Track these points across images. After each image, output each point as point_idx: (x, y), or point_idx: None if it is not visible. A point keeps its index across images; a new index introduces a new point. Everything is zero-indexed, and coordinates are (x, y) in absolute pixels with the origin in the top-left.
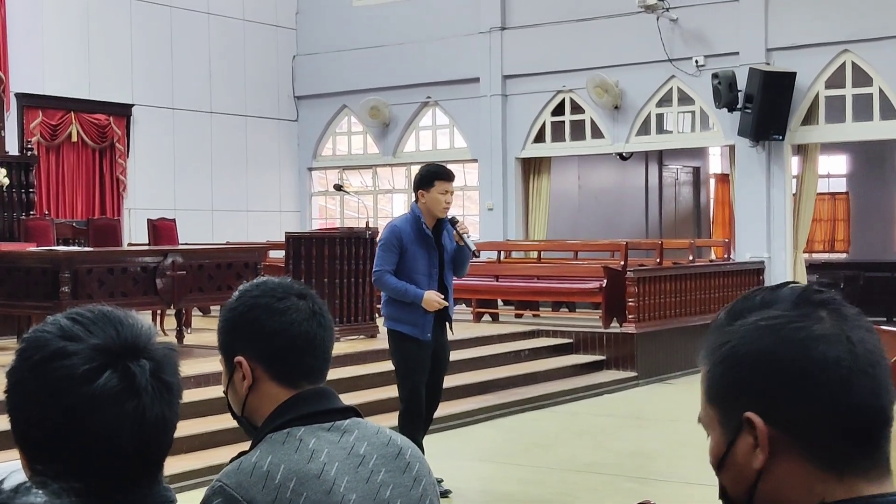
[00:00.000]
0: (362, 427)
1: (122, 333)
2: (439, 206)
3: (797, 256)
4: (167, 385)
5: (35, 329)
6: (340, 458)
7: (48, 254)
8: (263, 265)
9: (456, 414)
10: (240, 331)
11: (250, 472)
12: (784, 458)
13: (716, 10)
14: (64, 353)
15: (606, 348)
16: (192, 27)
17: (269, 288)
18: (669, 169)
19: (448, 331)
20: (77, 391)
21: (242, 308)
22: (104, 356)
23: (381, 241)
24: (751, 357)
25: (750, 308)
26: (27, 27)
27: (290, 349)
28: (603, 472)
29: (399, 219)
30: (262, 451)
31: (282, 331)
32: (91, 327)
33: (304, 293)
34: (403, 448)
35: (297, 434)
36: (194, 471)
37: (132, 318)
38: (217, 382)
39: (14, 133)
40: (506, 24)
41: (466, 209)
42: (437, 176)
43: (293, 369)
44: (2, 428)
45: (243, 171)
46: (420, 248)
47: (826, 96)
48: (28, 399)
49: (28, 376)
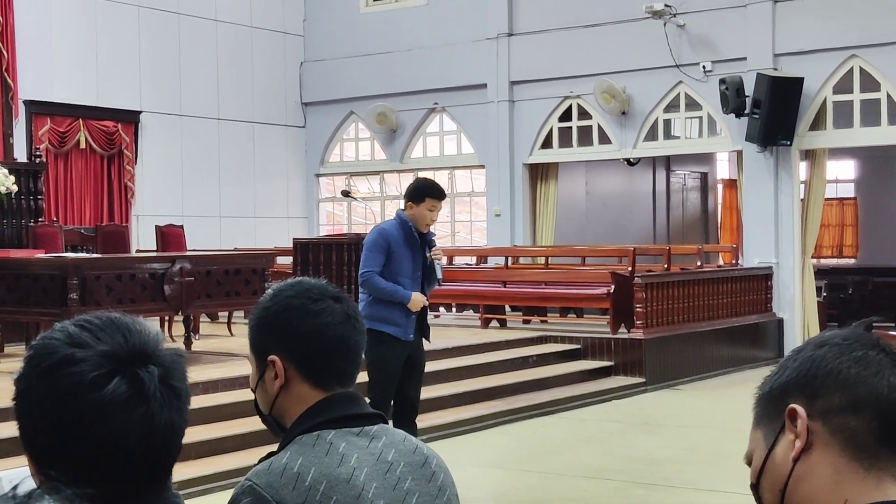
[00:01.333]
0: (390, 434)
1: (130, 340)
2: (424, 222)
3: (805, 262)
4: (176, 391)
5: (43, 336)
6: (369, 463)
7: (56, 260)
8: (271, 271)
9: (464, 420)
10: (274, 330)
11: (280, 472)
12: (818, 451)
13: (723, 15)
14: (72, 360)
15: (614, 354)
16: (199, 34)
17: (304, 289)
18: (677, 174)
19: (425, 339)
20: (86, 398)
21: (277, 308)
22: (112, 363)
23: (369, 242)
24: (802, 366)
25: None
26: (36, 34)
27: (324, 352)
28: (612, 479)
29: (386, 222)
30: (292, 452)
31: (316, 333)
32: (99, 334)
33: (340, 296)
34: (430, 457)
35: (327, 437)
36: (202, 477)
37: (140, 325)
38: (224, 388)
39: (22, 140)
40: (513, 30)
41: (474, 215)
42: (429, 193)
43: (326, 372)
44: (9, 434)
45: (251, 177)
46: (406, 252)
47: (834, 101)
48: (37, 406)
49: (36, 383)
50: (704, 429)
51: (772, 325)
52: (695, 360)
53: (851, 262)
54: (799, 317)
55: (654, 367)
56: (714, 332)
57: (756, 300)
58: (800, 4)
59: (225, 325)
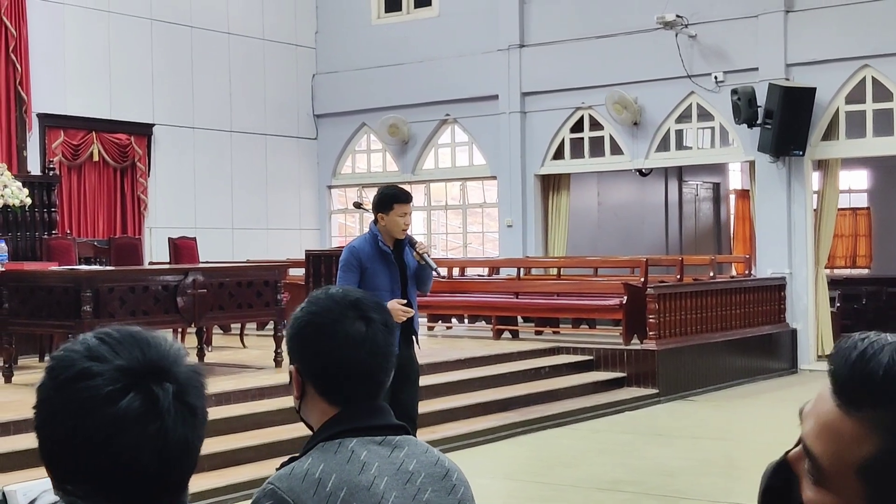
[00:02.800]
0: (412, 444)
1: (147, 355)
2: (398, 229)
3: (819, 272)
4: (191, 408)
5: (64, 347)
6: (390, 473)
7: (70, 273)
8: (284, 283)
9: (477, 431)
10: (295, 343)
11: (302, 477)
12: None
13: (735, 26)
14: (89, 374)
15: (627, 365)
16: (212, 47)
17: (329, 305)
18: (689, 185)
19: (415, 345)
20: (100, 412)
21: (302, 321)
22: (128, 377)
23: (341, 262)
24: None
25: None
26: (49, 48)
27: (334, 373)
28: (626, 490)
29: (357, 239)
30: (314, 458)
31: (327, 354)
32: (117, 348)
33: (367, 315)
34: (451, 470)
35: (349, 445)
36: (216, 489)
37: (160, 340)
38: (237, 400)
39: (36, 153)
40: (524, 41)
41: (486, 226)
42: (395, 199)
43: (338, 393)
44: (24, 446)
45: (263, 189)
46: (380, 266)
47: (846, 111)
48: (53, 418)
49: (54, 395)
50: (718, 440)
51: (785, 335)
52: (708, 371)
53: (865, 272)
54: (812, 327)
55: (667, 378)
56: (727, 342)
57: (769, 311)
58: (812, 14)
59: (237, 336)
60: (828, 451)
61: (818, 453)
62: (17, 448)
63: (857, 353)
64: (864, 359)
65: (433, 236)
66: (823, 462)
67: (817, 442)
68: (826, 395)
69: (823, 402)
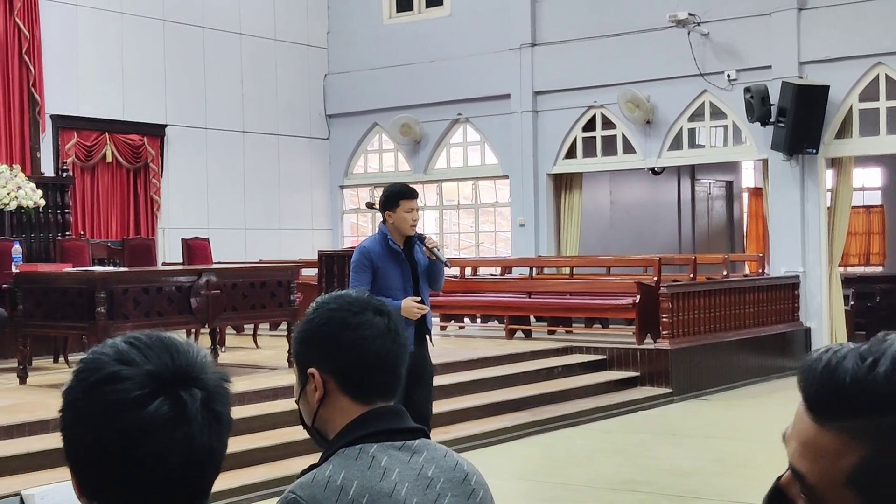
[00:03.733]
0: (431, 449)
1: (176, 361)
2: (406, 225)
3: (832, 270)
4: (217, 415)
5: (93, 350)
6: (410, 478)
7: (84, 274)
8: (296, 283)
9: (489, 431)
10: (314, 343)
11: (324, 485)
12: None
13: (747, 24)
14: (117, 378)
15: (640, 365)
16: (224, 48)
17: (346, 302)
18: (702, 183)
19: (429, 344)
20: (127, 416)
21: (319, 320)
22: (156, 382)
23: (353, 263)
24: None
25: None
26: (62, 50)
27: (363, 365)
28: (639, 490)
29: (367, 239)
30: (335, 465)
31: (355, 346)
32: (147, 352)
33: (382, 310)
34: (469, 473)
35: (369, 451)
36: (230, 489)
37: (189, 346)
38: (250, 401)
39: (49, 154)
40: (536, 40)
41: (498, 225)
42: (401, 196)
43: (365, 385)
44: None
45: (275, 189)
46: (391, 265)
47: (860, 109)
48: (80, 420)
49: (82, 398)
50: (732, 440)
51: (799, 334)
52: (721, 371)
53: (879, 270)
54: (826, 326)
55: (681, 377)
56: (741, 341)
57: (783, 309)
58: (824, 12)
59: (251, 337)
60: (814, 469)
61: (806, 472)
62: (33, 450)
63: (822, 366)
64: (829, 370)
65: (445, 236)
66: (813, 480)
67: (803, 461)
68: (801, 414)
69: (801, 420)
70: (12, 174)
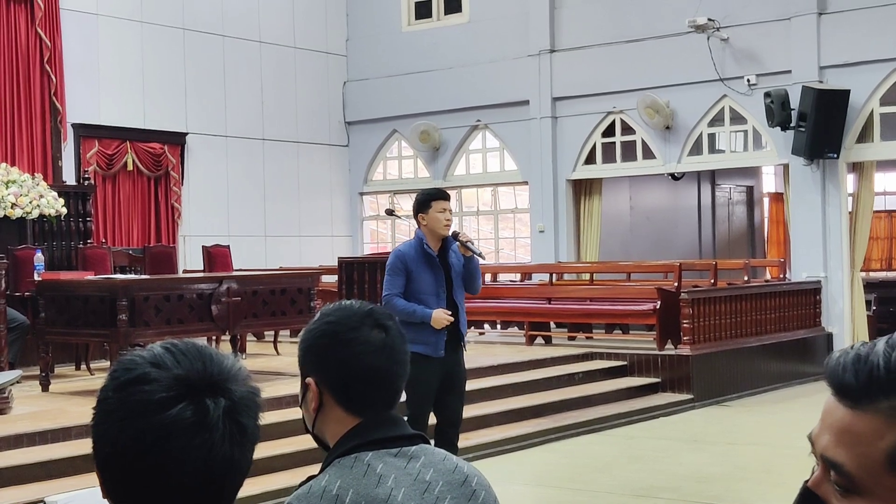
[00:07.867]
0: (429, 453)
1: (208, 368)
2: (440, 225)
3: (854, 275)
4: (241, 427)
5: (132, 353)
6: (407, 483)
7: (106, 282)
8: (317, 290)
9: (511, 438)
10: (311, 354)
11: (320, 495)
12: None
13: (767, 28)
14: (146, 379)
15: (661, 371)
16: (244, 56)
17: (344, 315)
18: (722, 188)
19: (463, 350)
20: (150, 417)
21: (317, 332)
22: (183, 387)
23: (388, 266)
24: None
25: None
26: (83, 59)
27: (355, 380)
28: (661, 496)
29: (404, 244)
30: (331, 475)
31: (348, 361)
32: (180, 358)
33: (383, 323)
34: (470, 475)
35: (364, 459)
36: (250, 497)
37: (224, 357)
38: (271, 408)
39: (71, 163)
40: (555, 46)
41: (518, 231)
42: (433, 197)
43: (356, 400)
44: (62, 454)
45: (295, 196)
46: (425, 269)
47: (881, 113)
48: (107, 417)
49: (112, 395)
50: (754, 445)
51: (821, 339)
52: (743, 376)
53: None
54: (848, 331)
55: (702, 383)
56: (762, 347)
57: (804, 315)
58: (844, 16)
59: (271, 344)
60: (852, 456)
61: (843, 461)
62: (56, 457)
63: (852, 356)
64: (860, 357)
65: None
66: (851, 468)
67: (839, 451)
68: (832, 406)
69: (831, 413)
70: (34, 183)
